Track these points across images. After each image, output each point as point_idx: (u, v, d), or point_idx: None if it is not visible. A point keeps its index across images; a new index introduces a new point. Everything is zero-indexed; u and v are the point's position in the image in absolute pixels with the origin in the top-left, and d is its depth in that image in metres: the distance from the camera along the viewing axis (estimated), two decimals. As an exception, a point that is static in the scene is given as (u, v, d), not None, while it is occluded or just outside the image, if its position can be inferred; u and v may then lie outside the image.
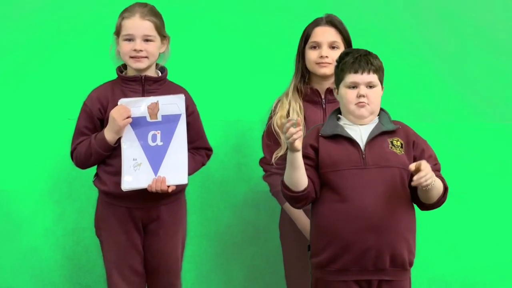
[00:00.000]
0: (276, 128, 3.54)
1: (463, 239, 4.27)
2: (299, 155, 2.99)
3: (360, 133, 3.09)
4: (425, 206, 3.12)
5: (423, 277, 4.21)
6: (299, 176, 3.02)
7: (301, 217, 3.46)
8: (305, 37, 3.60)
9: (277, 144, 3.55)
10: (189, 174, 3.46)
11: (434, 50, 4.26)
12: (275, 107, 3.60)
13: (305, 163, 3.05)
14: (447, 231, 4.25)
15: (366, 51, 3.14)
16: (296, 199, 3.06)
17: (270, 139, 3.58)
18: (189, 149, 3.47)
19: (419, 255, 3.98)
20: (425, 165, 2.93)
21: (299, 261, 3.46)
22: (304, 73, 3.61)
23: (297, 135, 2.92)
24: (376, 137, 3.08)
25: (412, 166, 2.93)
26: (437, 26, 4.27)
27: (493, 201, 4.27)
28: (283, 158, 3.36)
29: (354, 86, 3.09)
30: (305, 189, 3.03)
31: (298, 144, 2.95)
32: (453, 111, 4.26)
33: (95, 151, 3.41)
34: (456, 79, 4.27)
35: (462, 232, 4.27)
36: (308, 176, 3.05)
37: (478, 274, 4.27)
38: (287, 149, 3.48)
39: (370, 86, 3.09)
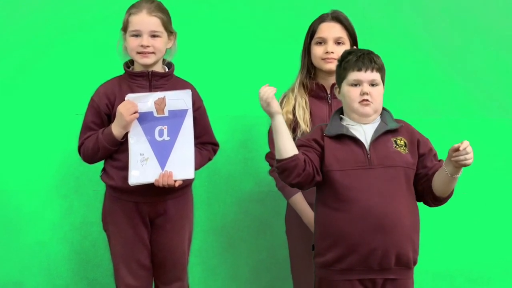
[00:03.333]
0: (282, 123, 3.56)
1: (468, 234, 4.27)
2: (279, 118, 3.02)
3: (364, 133, 3.09)
4: (436, 201, 3.12)
5: (428, 272, 4.22)
6: (283, 142, 3.01)
7: (306, 211, 3.48)
8: (311, 33, 3.61)
9: (283, 139, 3.56)
10: (196, 169, 3.47)
11: (439, 46, 4.26)
12: (281, 102, 3.60)
13: (307, 148, 3.07)
14: (452, 225, 4.26)
15: (368, 50, 3.14)
16: (285, 168, 3.01)
17: (276, 134, 3.59)
18: (195, 144, 3.48)
19: (424, 249, 4.00)
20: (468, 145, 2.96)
21: (305, 255, 3.46)
22: (310, 69, 3.62)
23: (271, 92, 3.00)
24: (380, 136, 3.08)
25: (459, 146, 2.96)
26: (441, 22, 4.27)
27: (498, 196, 4.28)
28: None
29: (357, 84, 3.08)
30: (293, 156, 3.00)
31: (274, 104, 3.01)
32: (458, 106, 4.26)
33: (103, 146, 3.42)
34: (460, 75, 4.27)
35: (466, 227, 4.27)
36: (306, 154, 3.05)
37: (482, 268, 4.27)
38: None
39: (373, 84, 3.09)
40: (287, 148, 3.01)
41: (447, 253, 4.27)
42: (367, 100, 3.07)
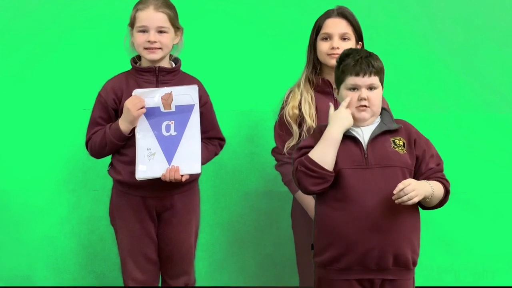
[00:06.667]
0: (288, 119, 3.57)
1: (472, 228, 4.27)
2: (343, 131, 3.02)
3: (362, 133, 3.07)
4: (424, 207, 3.11)
5: (433, 266, 4.23)
6: (334, 154, 3.01)
7: (312, 206, 3.48)
8: (317, 28, 3.62)
9: (289, 134, 3.57)
10: (202, 163, 3.49)
11: (443, 41, 4.25)
12: (287, 97, 3.62)
13: None
14: (456, 220, 4.26)
15: (367, 52, 3.11)
16: (321, 175, 2.99)
17: (282, 129, 3.60)
18: (202, 139, 3.49)
19: (429, 244, 4.02)
20: (409, 186, 2.94)
21: (311, 250, 3.49)
22: (315, 64, 3.63)
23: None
24: (378, 136, 3.06)
25: (398, 185, 2.94)
26: (446, 19, 4.26)
27: (502, 191, 4.28)
28: (295, 147, 3.38)
29: (355, 88, 3.06)
30: (333, 172, 3.01)
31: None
32: (463, 101, 4.26)
33: (110, 141, 3.44)
34: (465, 70, 4.26)
35: (471, 221, 4.27)
36: None
37: (486, 262, 4.28)
38: (299, 139, 3.53)
39: (371, 88, 3.06)
40: (333, 163, 3.01)
41: (452, 248, 4.27)
42: (364, 105, 3.05)
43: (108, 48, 4.06)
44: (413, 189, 2.93)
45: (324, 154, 3.01)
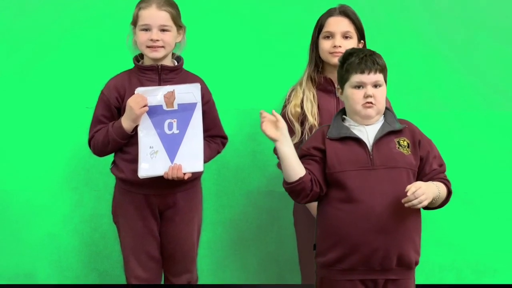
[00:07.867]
0: (290, 117, 3.57)
1: (474, 226, 4.27)
2: (279, 145, 3.03)
3: (367, 134, 3.07)
4: (428, 208, 3.12)
5: (434, 264, 4.23)
6: (287, 167, 3.03)
7: (313, 204, 3.48)
8: (319, 27, 3.63)
9: (291, 132, 3.55)
10: (205, 161, 3.49)
11: (445, 39, 4.25)
12: (289, 96, 3.63)
13: (309, 159, 3.08)
14: (457, 218, 4.26)
15: (370, 50, 3.11)
16: (291, 190, 3.06)
17: (284, 127, 3.61)
18: (204, 137, 3.50)
19: (431, 242, 4.02)
20: (420, 191, 2.94)
21: (313, 248, 3.49)
22: (317, 63, 3.64)
23: (263, 126, 3.04)
24: (383, 137, 3.06)
25: (411, 189, 2.94)
26: (447, 17, 4.26)
27: (503, 189, 4.27)
28: (297, 146, 3.39)
29: (361, 86, 3.05)
30: (299, 179, 3.02)
31: (270, 133, 3.03)
32: (464, 100, 4.26)
33: (113, 139, 3.45)
34: (466, 68, 4.25)
35: (472, 219, 4.27)
36: (310, 171, 3.05)
37: (488, 260, 4.27)
38: (301, 137, 3.55)
39: (376, 85, 3.06)
40: (291, 173, 3.03)
41: (453, 246, 4.27)
42: (370, 102, 3.05)
43: (110, 47, 4.07)
44: (423, 193, 2.94)
45: (284, 170, 3.06)
